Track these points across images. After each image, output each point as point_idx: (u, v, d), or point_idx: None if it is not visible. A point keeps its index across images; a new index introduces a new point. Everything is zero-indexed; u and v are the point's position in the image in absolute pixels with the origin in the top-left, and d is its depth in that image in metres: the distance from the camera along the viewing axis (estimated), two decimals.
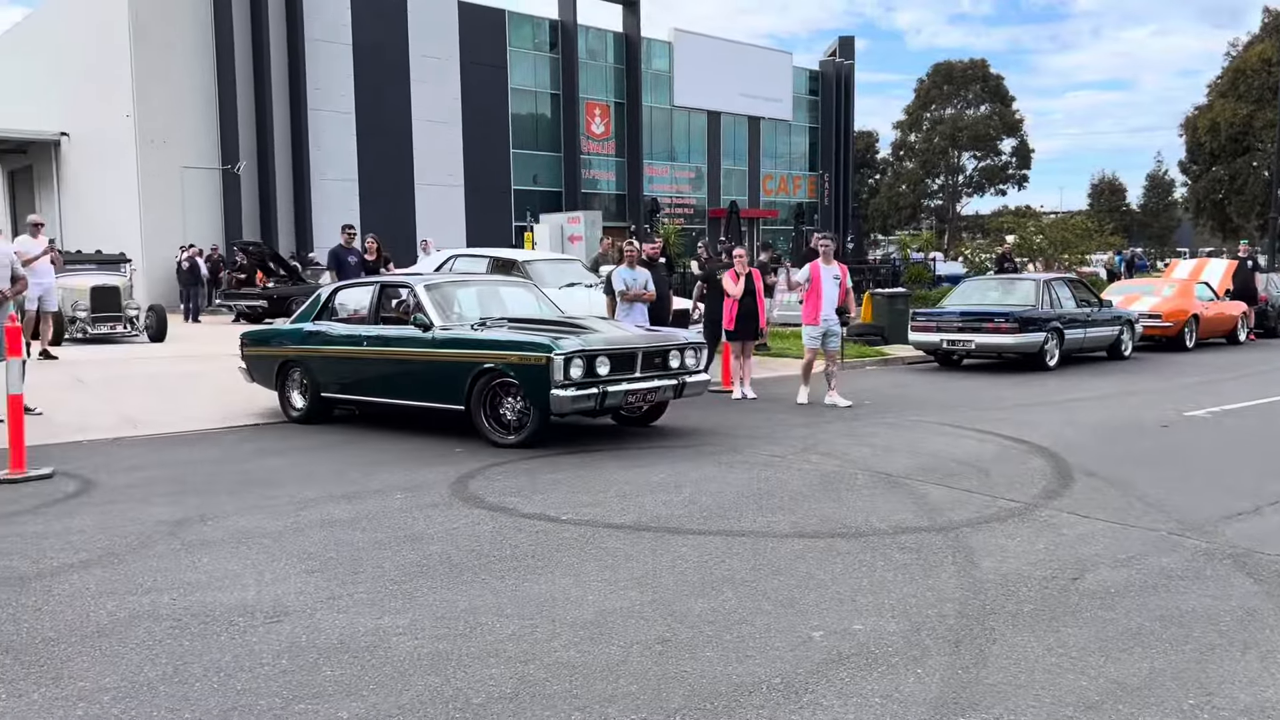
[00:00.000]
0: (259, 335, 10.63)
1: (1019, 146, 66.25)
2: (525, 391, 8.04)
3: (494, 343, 8.28)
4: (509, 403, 8.22)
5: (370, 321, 9.29)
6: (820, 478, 6.99)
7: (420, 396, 8.80)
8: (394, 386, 8.97)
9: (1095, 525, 5.67)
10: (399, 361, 8.85)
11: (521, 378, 8.01)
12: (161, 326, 17.11)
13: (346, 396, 9.45)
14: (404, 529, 5.66)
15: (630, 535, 5.52)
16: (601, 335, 8.40)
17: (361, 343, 9.16)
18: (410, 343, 8.75)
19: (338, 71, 32.79)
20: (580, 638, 4.01)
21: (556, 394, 7.82)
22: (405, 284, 9.43)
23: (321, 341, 9.52)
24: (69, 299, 16.52)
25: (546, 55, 39.73)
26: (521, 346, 8.07)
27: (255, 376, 10.18)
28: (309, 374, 9.55)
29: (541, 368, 7.86)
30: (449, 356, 8.43)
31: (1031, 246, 28.54)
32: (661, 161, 44.16)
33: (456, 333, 8.57)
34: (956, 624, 4.15)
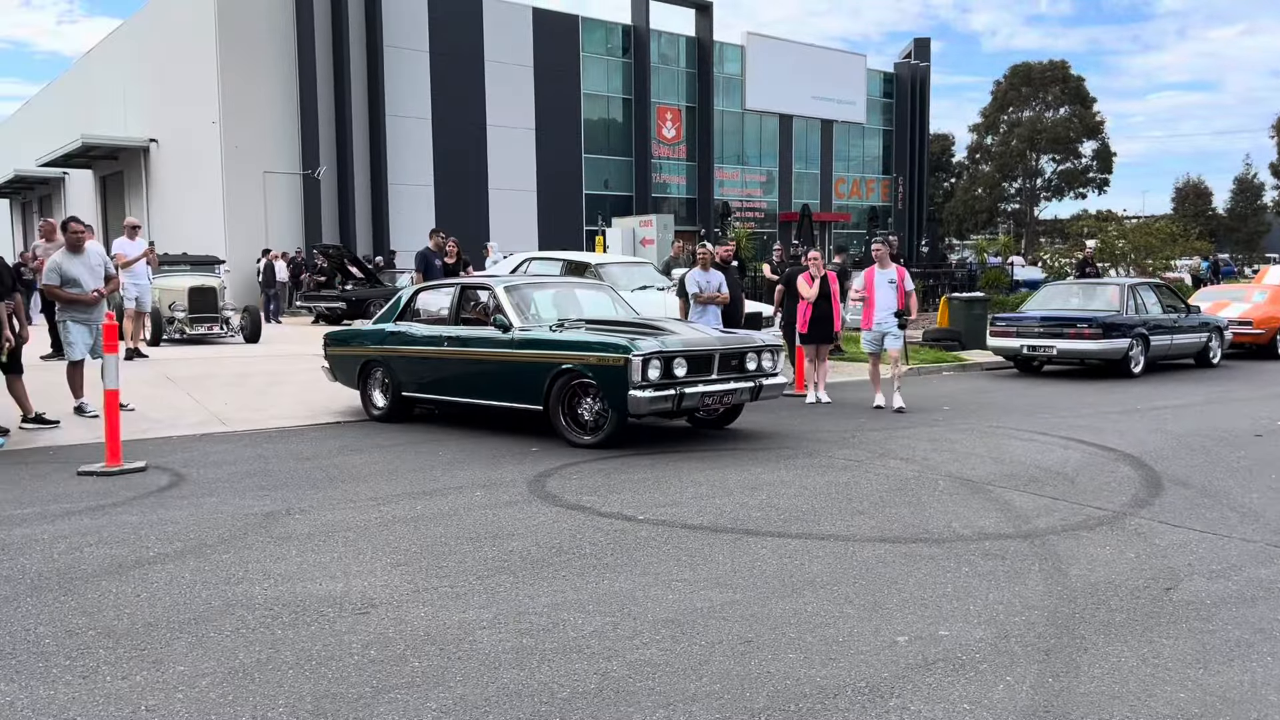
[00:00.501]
0: (342, 336, 10.79)
1: (1100, 149, 64.64)
2: (603, 392, 8.09)
3: (572, 344, 8.33)
4: (586, 403, 8.29)
5: (451, 322, 9.42)
6: (899, 482, 6.91)
7: (499, 396, 8.91)
8: (473, 386, 9.09)
9: (1188, 535, 5.50)
10: (479, 362, 8.97)
11: (600, 378, 8.06)
12: (256, 328, 17.23)
13: (426, 396, 9.59)
14: (485, 525, 5.74)
15: (708, 536, 5.52)
16: (679, 337, 8.40)
17: (442, 343, 9.29)
18: (490, 343, 8.87)
19: (415, 78, 33.39)
20: (662, 636, 4.02)
21: (634, 395, 7.85)
22: (485, 285, 9.56)
23: (403, 342, 9.65)
24: (166, 299, 16.81)
25: (619, 60, 39.94)
26: (600, 347, 8.12)
27: (338, 376, 10.38)
28: (390, 373, 9.70)
29: (619, 369, 7.91)
30: (528, 357, 8.54)
31: (1114, 251, 27.80)
32: (732, 165, 44.06)
33: (535, 334, 8.66)
34: (1046, 632, 4.06)
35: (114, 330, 7.87)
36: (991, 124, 66.19)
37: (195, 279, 17.61)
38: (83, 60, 42.91)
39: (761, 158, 45.41)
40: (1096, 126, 63.99)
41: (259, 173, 30.28)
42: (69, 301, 9.30)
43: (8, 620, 4.23)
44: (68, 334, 9.36)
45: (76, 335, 9.31)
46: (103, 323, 8.46)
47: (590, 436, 8.23)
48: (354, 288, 23.02)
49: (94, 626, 4.15)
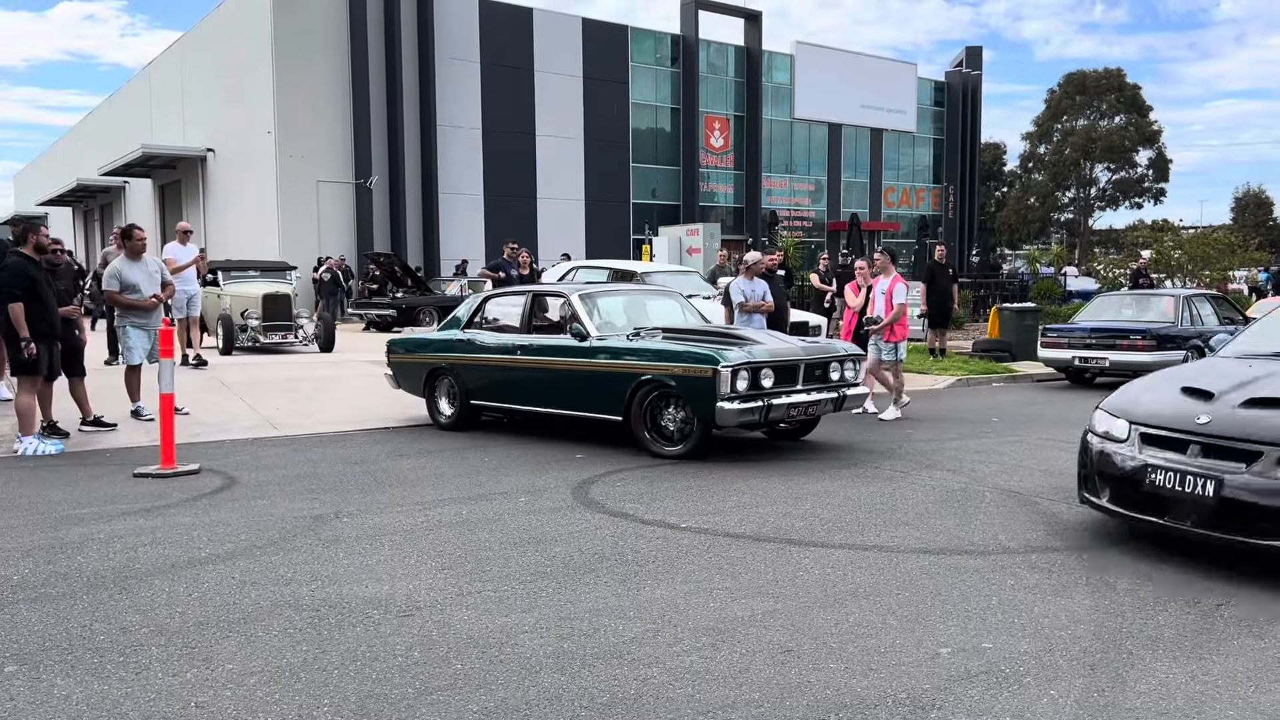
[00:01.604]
0: (406, 343, 10.72)
1: (1156, 158, 63.49)
2: (689, 403, 7.99)
3: (657, 353, 8.21)
4: (669, 414, 8.21)
5: (523, 330, 9.35)
6: (945, 494, 6.84)
7: (575, 406, 8.77)
8: (548, 395, 8.98)
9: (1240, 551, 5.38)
10: (554, 371, 8.85)
11: (685, 389, 7.95)
12: (330, 336, 16.55)
13: (496, 404, 9.49)
14: (528, 531, 5.79)
15: (751, 545, 5.51)
16: (765, 346, 8.26)
17: (514, 351, 9.18)
18: (566, 352, 8.77)
19: (466, 88, 33.76)
20: (702, 644, 4.03)
21: (722, 406, 7.72)
22: (559, 293, 9.53)
23: (473, 349, 9.56)
24: (238, 307, 16.39)
25: (668, 70, 40.03)
26: (686, 358, 7.98)
27: (402, 383, 10.32)
28: (459, 381, 9.62)
29: (707, 380, 7.78)
30: (608, 367, 8.44)
31: (1169, 262, 27.28)
32: (780, 174, 43.91)
33: (615, 343, 8.56)
34: (1092, 646, 4.00)
35: (170, 335, 8.07)
36: (1045, 132, 65.31)
37: (268, 286, 16.95)
38: (144, 72, 44.00)
39: (810, 167, 45.19)
40: (1153, 135, 62.87)
41: (312, 181, 30.80)
42: (128, 307, 9.55)
43: (65, 617, 4.36)
44: (126, 339, 9.62)
45: (135, 340, 9.57)
46: (159, 328, 8.68)
47: (674, 447, 8.13)
48: (404, 295, 23.31)
49: (147, 624, 4.26)
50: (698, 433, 8.05)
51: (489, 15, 34.18)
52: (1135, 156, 63.37)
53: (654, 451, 8.17)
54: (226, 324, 15.69)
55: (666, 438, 8.23)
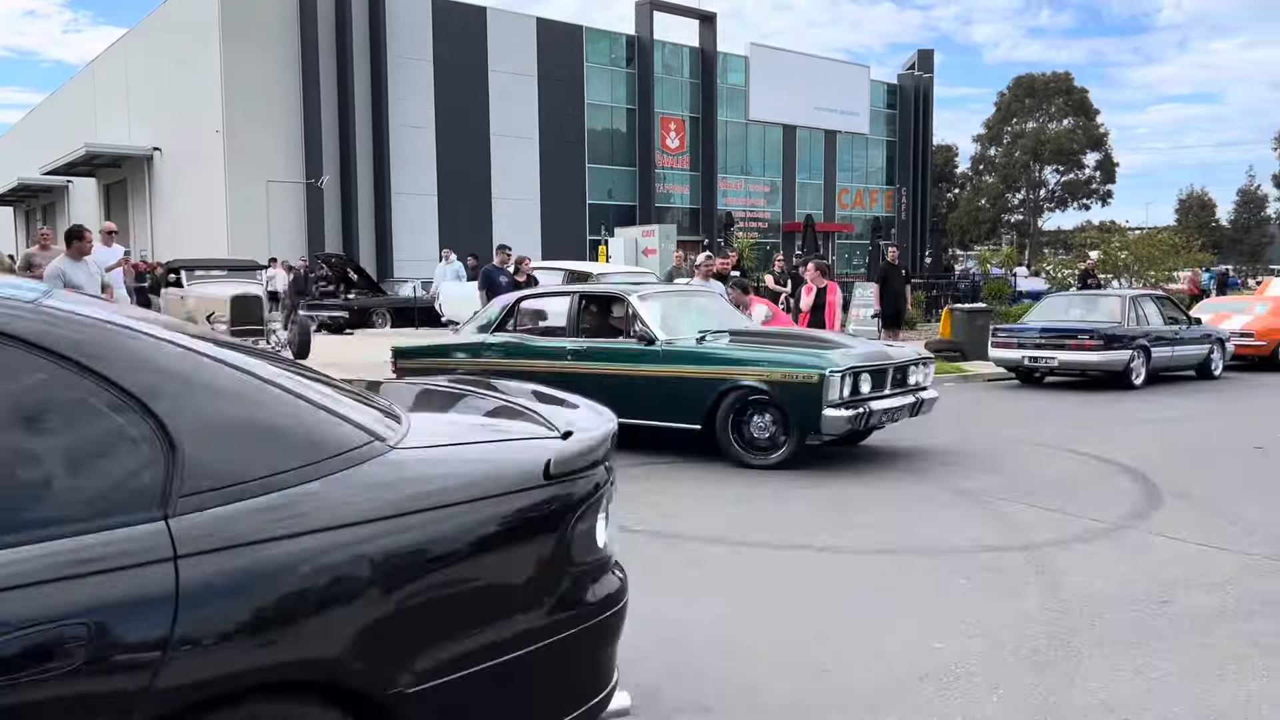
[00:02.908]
0: (420, 349, 9.91)
1: (1103, 161, 64.72)
2: (788, 411, 7.64)
3: (748, 359, 7.84)
4: (758, 422, 7.83)
5: (570, 334, 8.70)
6: (897, 493, 6.89)
7: (641, 414, 8.10)
8: (609, 403, 8.44)
9: (1186, 548, 5.48)
10: (616, 378, 8.22)
11: (785, 397, 7.59)
12: (305, 342, 14.88)
13: None
14: None
15: (704, 547, 5.50)
16: (855, 350, 8.03)
17: (564, 356, 8.50)
18: (631, 358, 8.25)
19: (419, 87, 33.50)
20: (656, 648, 4.00)
21: (829, 414, 7.42)
22: (615, 295, 9.09)
23: (510, 355, 8.85)
24: (203, 309, 14.91)
25: (623, 70, 40.05)
26: (787, 363, 7.66)
27: None
28: None
29: (813, 386, 7.44)
30: (685, 373, 8.01)
31: (1116, 262, 27.79)
32: (736, 175, 44.14)
33: (691, 347, 8.15)
34: (1041, 645, 4.04)
35: None
36: (995, 135, 66.30)
37: (237, 286, 15.39)
38: (87, 69, 43.14)
39: (765, 168, 45.48)
40: (1100, 138, 64.09)
41: (262, 181, 30.37)
42: None
43: None
44: None
45: None
46: None
47: (765, 458, 7.76)
48: (357, 296, 23.06)
49: None
50: (793, 442, 7.70)
51: (442, 14, 33.96)
52: (1083, 159, 64.56)
53: (743, 462, 7.79)
54: None
55: (758, 448, 7.83)
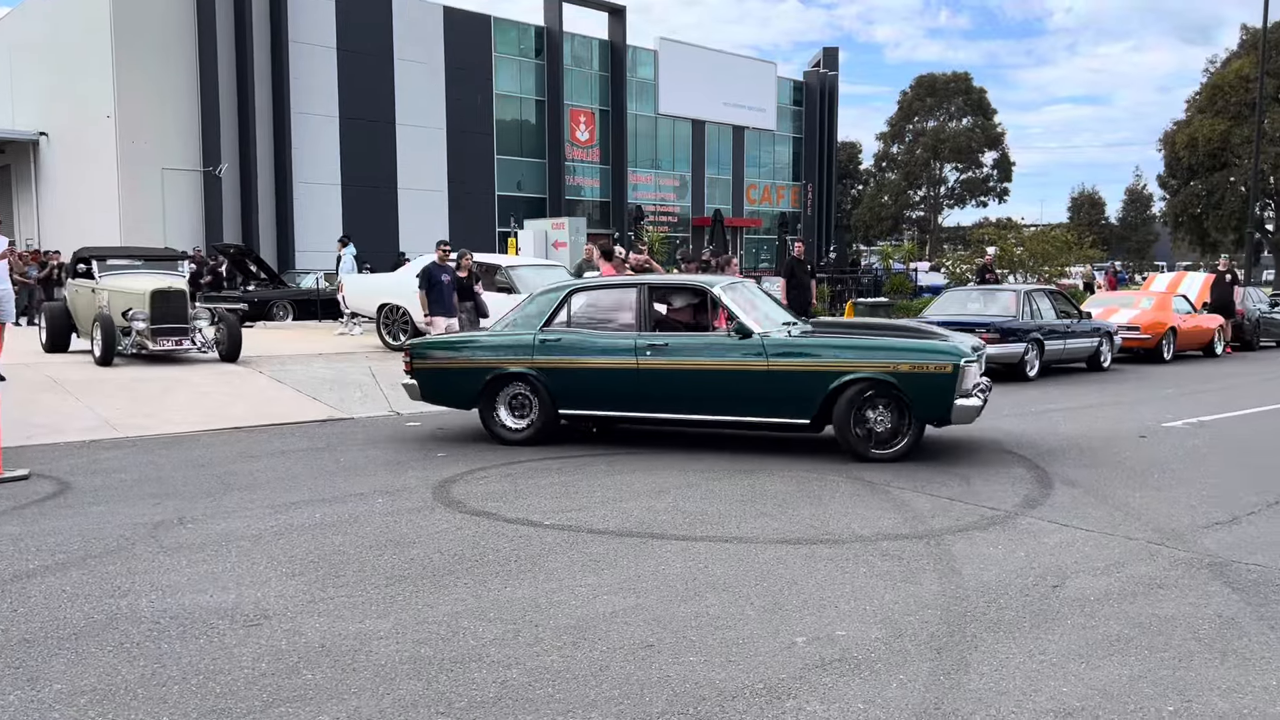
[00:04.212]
0: (445, 345, 9.13)
1: (1000, 159, 66.73)
2: (915, 401, 7.66)
3: (871, 350, 7.79)
4: (874, 414, 7.79)
5: (640, 329, 8.35)
6: (802, 483, 7.00)
7: (742, 411, 8.09)
8: (696, 400, 8.18)
9: (1075, 534, 5.70)
10: (709, 373, 8.05)
11: (914, 386, 7.58)
12: (235, 342, 13.22)
13: (605, 413, 8.49)
14: (386, 533, 5.63)
15: (614, 541, 5.51)
16: (959, 339, 8.09)
17: (643, 352, 8.19)
18: (729, 352, 8.03)
19: (322, 75, 32.72)
20: (563, 642, 4.00)
21: (961, 403, 7.54)
22: (693, 287, 8.92)
23: (572, 351, 8.40)
24: (119, 305, 13.09)
25: (532, 62, 39.77)
26: (918, 353, 7.67)
27: (431, 393, 8.94)
28: (542, 388, 8.42)
29: (946, 375, 7.50)
30: (795, 366, 7.87)
31: (1013, 258, 28.73)
32: (646, 169, 44.26)
33: (805, 339, 8.06)
34: (939, 630, 4.16)
35: None
36: (897, 133, 67.80)
37: (157, 279, 13.52)
38: None
39: (675, 162, 45.72)
40: (997, 137, 66.04)
41: (157, 169, 29.31)
42: None
43: None
44: None
45: None
46: None
47: (886, 450, 7.77)
48: (257, 288, 22.41)
49: None
50: (915, 433, 7.75)
51: (346, 1, 33.21)
52: (981, 157, 66.44)
53: (862, 456, 7.77)
54: (106, 327, 12.39)
55: (878, 441, 7.80)
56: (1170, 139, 48.65)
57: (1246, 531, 5.78)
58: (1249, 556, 5.24)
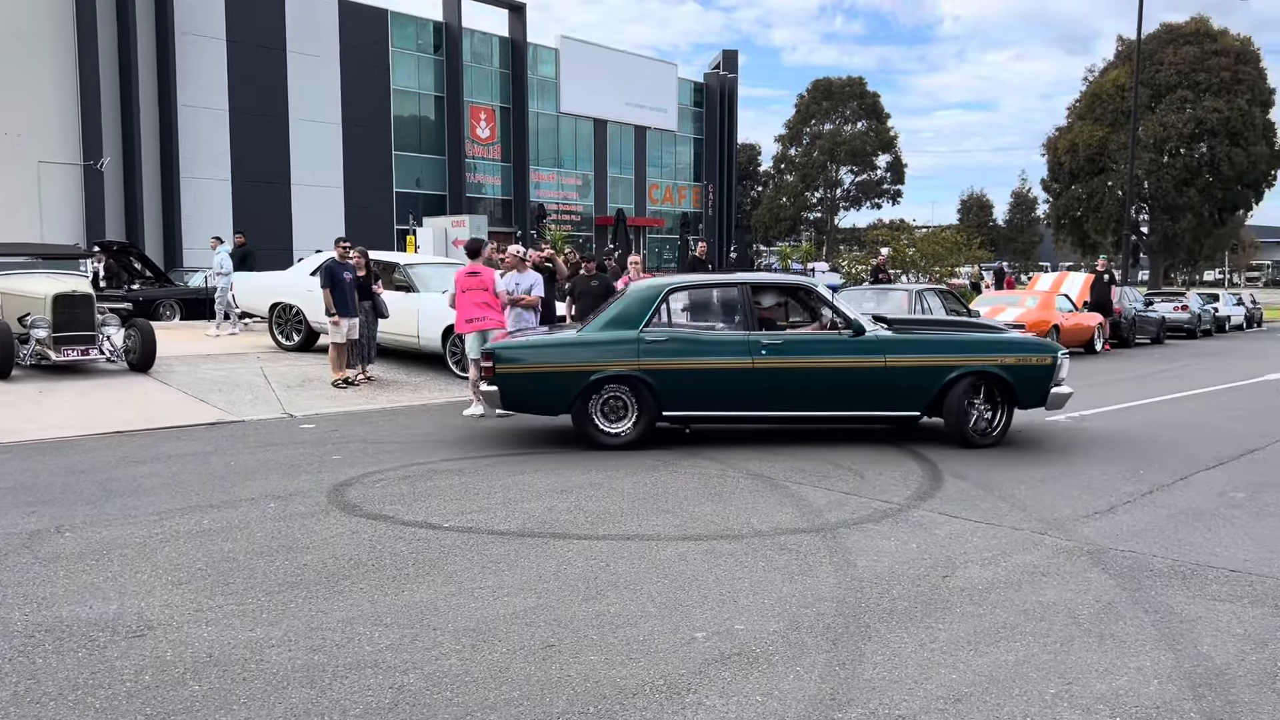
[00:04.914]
0: (535, 346, 8.54)
1: (893, 162, 68.49)
2: (1017, 391, 8.43)
3: (979, 344, 8.59)
4: (977, 405, 8.47)
5: (749, 327, 8.42)
6: (704, 480, 7.07)
7: (860, 406, 8.43)
8: (810, 398, 8.36)
9: (964, 525, 5.89)
10: (828, 371, 8.29)
11: (1020, 378, 8.37)
12: (149, 351, 11.93)
13: (709, 413, 8.46)
14: (277, 539, 5.47)
15: (515, 541, 5.47)
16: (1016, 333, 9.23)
17: (757, 351, 8.24)
18: (845, 349, 8.32)
19: (210, 66, 31.66)
20: (462, 645, 3.95)
21: (1056, 391, 8.53)
22: (796, 285, 9.22)
23: (680, 352, 8.27)
24: (14, 309, 11.77)
25: (430, 57, 39.21)
26: (1023, 347, 8.59)
27: (518, 398, 8.38)
28: (646, 390, 8.24)
29: (1046, 368, 8.48)
30: (911, 362, 8.34)
31: (905, 258, 29.55)
32: (548, 168, 44.10)
33: (917, 335, 8.62)
34: (834, 622, 4.24)
35: None
36: (795, 135, 69.01)
37: (59, 282, 12.06)
38: None
39: (577, 161, 45.66)
40: (890, 141, 67.79)
41: (33, 162, 27.92)
42: None
43: None
44: None
45: None
46: None
47: (987, 438, 8.49)
48: (142, 287, 21.55)
49: None
50: (1007, 421, 8.57)
51: None
52: (875, 160, 68.12)
53: (971, 444, 8.39)
54: (3, 336, 11.07)
55: (978, 430, 8.45)
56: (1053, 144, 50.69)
57: (1123, 520, 6.06)
58: (1125, 544, 5.50)
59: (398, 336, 13.23)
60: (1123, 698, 3.52)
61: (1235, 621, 4.30)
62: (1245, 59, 45.55)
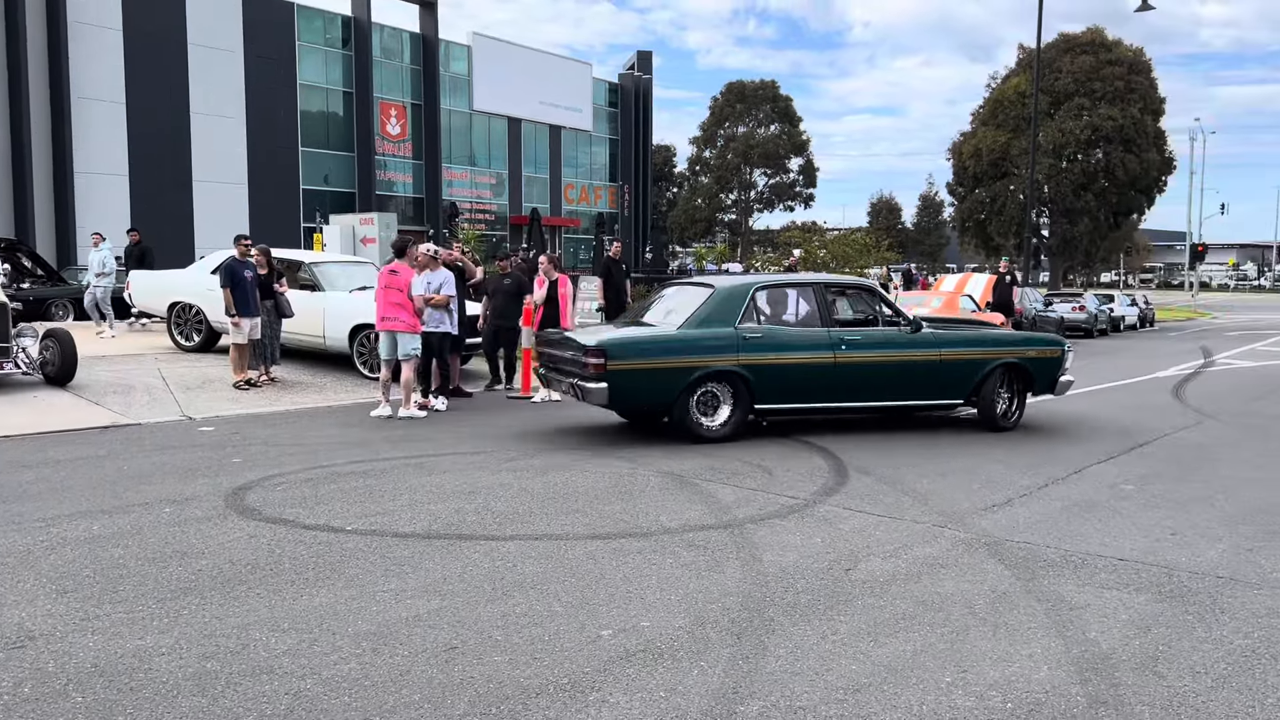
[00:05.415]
0: (645, 343, 8.67)
1: (805, 165, 69.51)
2: (1034, 379, 9.65)
3: (1007, 339, 10.10)
4: (1003, 392, 9.56)
5: (825, 324, 9.03)
6: (614, 479, 7.06)
7: (909, 396, 9.32)
8: (875, 389, 9.12)
9: (868, 519, 6.00)
10: (894, 364, 9.09)
11: (1038, 368, 9.60)
12: (69, 362, 10.93)
13: (794, 405, 8.95)
14: (171, 544, 5.29)
15: (420, 543, 5.38)
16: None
17: (838, 347, 8.88)
18: (907, 344, 9.16)
19: (106, 58, 30.51)
20: (362, 649, 3.87)
21: (1063, 379, 9.84)
22: (860, 285, 9.99)
23: (774, 347, 8.69)
24: None
25: (339, 52, 38.45)
26: (1039, 342, 10.02)
27: (627, 395, 8.48)
28: (742, 385, 8.60)
29: (1057, 359, 9.74)
30: (959, 355, 9.35)
31: (816, 260, 30.03)
32: (461, 166, 43.61)
33: (961, 332, 9.81)
34: (739, 617, 4.28)
35: None
36: (709, 138, 69.57)
37: None
38: None
39: (491, 160, 45.26)
40: (803, 144, 68.80)
41: None
42: None
43: None
44: None
45: None
46: None
47: (1009, 421, 9.59)
48: (32, 286, 20.64)
49: None
50: (1023, 406, 9.73)
51: None
52: (788, 163, 69.06)
53: (999, 428, 9.47)
54: None
55: (1004, 415, 9.57)
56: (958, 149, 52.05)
57: (1019, 513, 6.24)
58: (1020, 535, 5.67)
59: (303, 336, 12.92)
60: (1014, 683, 3.62)
61: (1121, 608, 4.46)
62: (1138, 69, 47.41)
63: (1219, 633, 4.17)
